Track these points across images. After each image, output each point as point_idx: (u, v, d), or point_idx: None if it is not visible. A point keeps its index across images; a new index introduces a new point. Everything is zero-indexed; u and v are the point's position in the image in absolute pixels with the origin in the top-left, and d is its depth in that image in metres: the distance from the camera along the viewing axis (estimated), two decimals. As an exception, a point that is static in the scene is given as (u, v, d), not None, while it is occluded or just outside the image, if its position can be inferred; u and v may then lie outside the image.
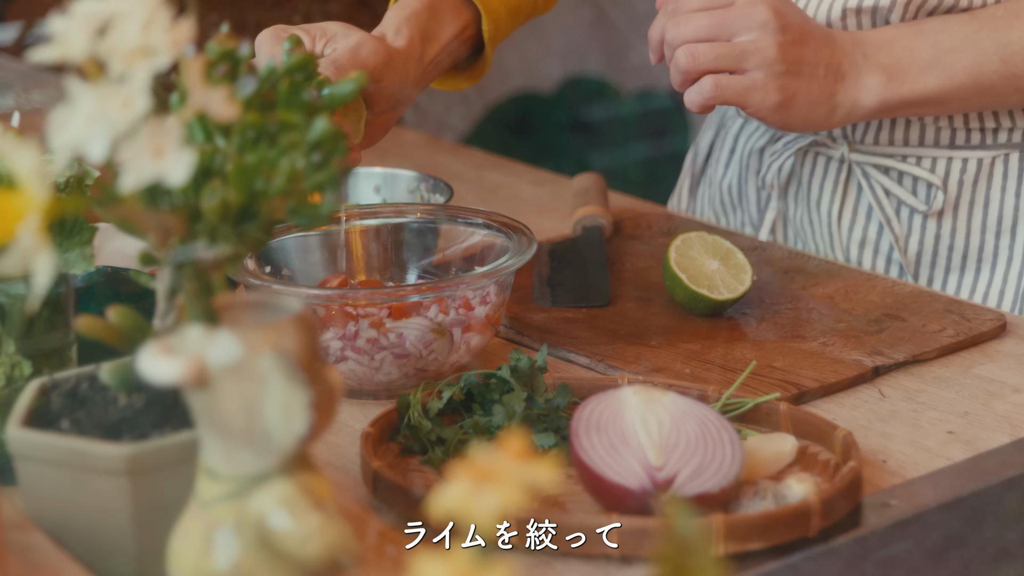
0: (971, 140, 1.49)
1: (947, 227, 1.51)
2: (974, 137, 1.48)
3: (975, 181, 1.50)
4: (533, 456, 0.69)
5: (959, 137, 1.49)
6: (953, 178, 1.50)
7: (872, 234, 1.54)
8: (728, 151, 1.67)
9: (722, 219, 1.68)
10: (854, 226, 1.55)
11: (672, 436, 1.03)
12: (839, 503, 1.02)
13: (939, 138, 1.49)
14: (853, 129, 1.52)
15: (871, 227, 1.54)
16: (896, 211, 1.52)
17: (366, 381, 1.22)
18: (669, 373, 1.25)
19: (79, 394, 1.00)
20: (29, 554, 0.95)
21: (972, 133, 1.48)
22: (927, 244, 1.52)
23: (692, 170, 1.73)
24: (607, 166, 3.44)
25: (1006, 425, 1.18)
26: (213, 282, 0.88)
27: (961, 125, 1.48)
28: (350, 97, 0.96)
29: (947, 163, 1.50)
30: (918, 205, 1.51)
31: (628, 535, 0.98)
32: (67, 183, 1.11)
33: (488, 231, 1.31)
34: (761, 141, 1.61)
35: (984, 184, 1.50)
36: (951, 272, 1.52)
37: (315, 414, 0.85)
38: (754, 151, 1.62)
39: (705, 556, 0.70)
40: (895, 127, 1.50)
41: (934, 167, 1.50)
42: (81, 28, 0.82)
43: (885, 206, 1.52)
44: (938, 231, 1.51)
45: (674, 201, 1.76)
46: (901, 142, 1.50)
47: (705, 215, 1.71)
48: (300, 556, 0.86)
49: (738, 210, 1.66)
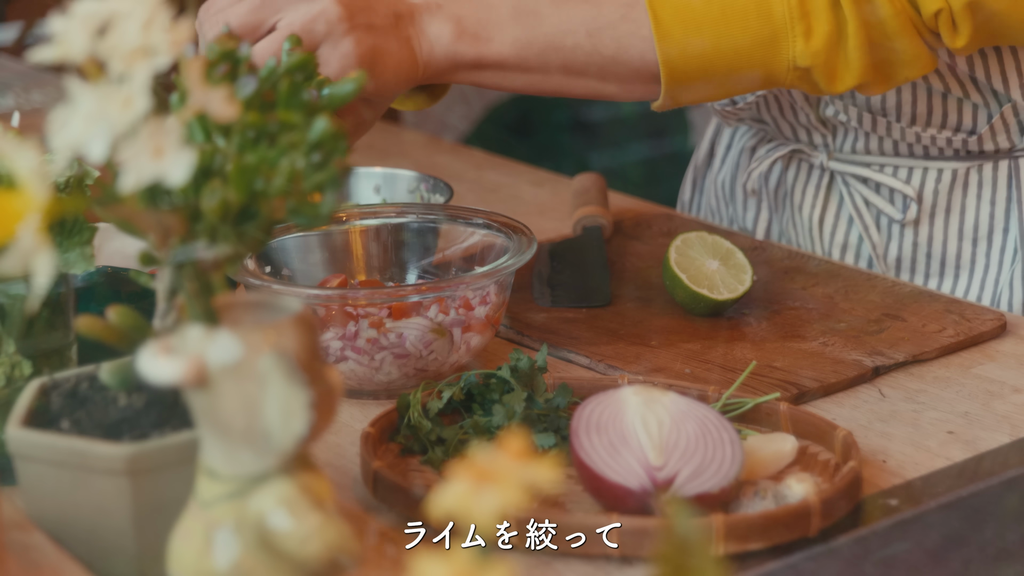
0: (945, 153, 1.49)
1: (924, 235, 1.51)
2: (948, 151, 1.48)
3: (950, 190, 1.50)
4: (533, 456, 0.69)
5: (932, 151, 1.49)
6: (928, 187, 1.50)
7: (853, 240, 1.54)
8: (724, 147, 1.68)
9: (718, 214, 1.69)
10: (836, 231, 1.55)
11: (672, 436, 1.03)
12: (839, 503, 1.02)
13: (913, 150, 1.49)
14: (833, 137, 1.52)
15: (852, 233, 1.55)
16: (875, 219, 1.53)
17: (366, 381, 1.22)
18: (669, 373, 1.25)
19: (79, 394, 1.00)
20: (29, 554, 0.95)
21: (944, 149, 1.48)
22: (905, 252, 1.52)
23: (695, 163, 1.74)
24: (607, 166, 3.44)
25: (1006, 425, 1.18)
26: (213, 282, 0.88)
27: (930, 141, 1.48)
28: (350, 97, 0.96)
29: (923, 173, 1.50)
30: (895, 214, 1.51)
31: (628, 535, 0.98)
32: (67, 183, 1.11)
33: (488, 231, 1.31)
34: (752, 141, 1.62)
35: (959, 193, 1.50)
36: (930, 279, 1.52)
37: (315, 414, 0.85)
38: (745, 149, 1.63)
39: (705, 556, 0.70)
40: (870, 138, 1.50)
41: (909, 177, 1.50)
42: (81, 28, 0.82)
43: (864, 214, 1.53)
44: (915, 239, 1.52)
45: (682, 193, 1.76)
46: (877, 151, 1.51)
47: (704, 210, 1.71)
48: (300, 556, 0.86)
49: (730, 206, 1.66)
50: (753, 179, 1.58)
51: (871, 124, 1.48)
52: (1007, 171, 1.49)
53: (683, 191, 1.76)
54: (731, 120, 1.60)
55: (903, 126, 1.46)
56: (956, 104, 1.45)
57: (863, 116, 1.47)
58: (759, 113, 1.56)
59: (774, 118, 1.55)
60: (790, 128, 1.55)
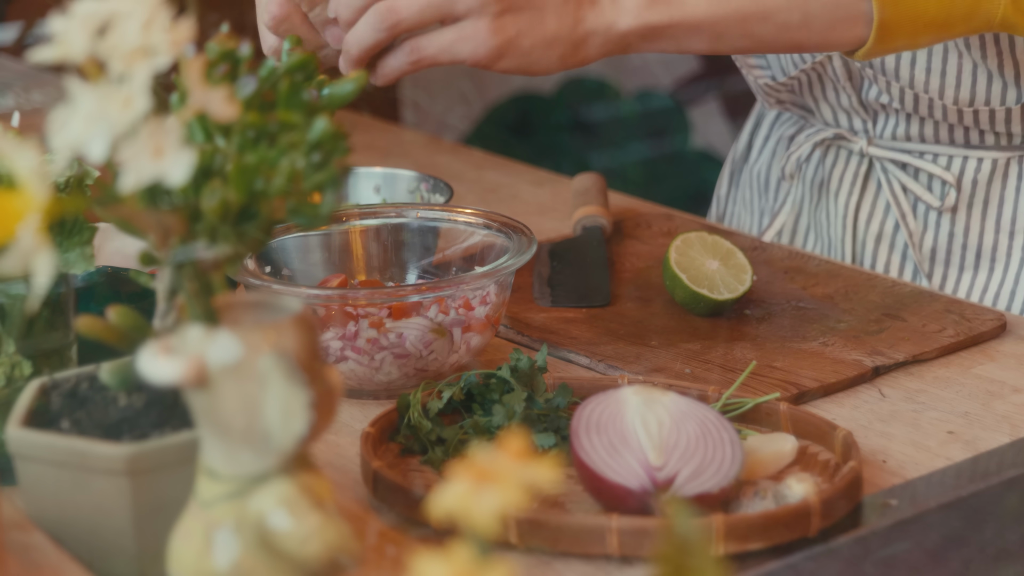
0: (985, 141, 1.49)
1: (960, 225, 1.51)
2: (988, 138, 1.49)
3: (989, 180, 1.50)
4: (533, 456, 0.69)
5: (973, 137, 1.49)
6: (968, 176, 1.50)
7: (888, 229, 1.54)
8: (763, 138, 1.68)
9: (750, 207, 1.68)
10: (871, 220, 1.55)
11: (672, 436, 1.03)
12: (839, 503, 1.02)
13: (954, 136, 1.49)
14: (874, 123, 1.52)
15: (888, 222, 1.54)
16: (912, 207, 1.53)
17: (366, 381, 1.22)
18: (669, 373, 1.25)
19: (79, 394, 1.00)
20: (29, 554, 0.95)
21: (986, 135, 1.48)
22: (941, 241, 1.52)
23: (733, 156, 1.74)
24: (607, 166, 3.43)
25: (1006, 425, 1.18)
26: (213, 282, 0.88)
27: (972, 124, 1.48)
28: (350, 97, 0.96)
29: (963, 161, 1.50)
30: (933, 201, 1.51)
31: (628, 535, 0.98)
32: (67, 183, 1.11)
33: (488, 231, 1.31)
34: (792, 129, 1.62)
35: (999, 184, 1.50)
36: (964, 270, 1.52)
37: (315, 414, 0.85)
38: (784, 138, 1.63)
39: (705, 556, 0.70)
40: (911, 121, 1.50)
41: (949, 165, 1.51)
42: (81, 28, 0.82)
43: (902, 202, 1.53)
44: (952, 228, 1.52)
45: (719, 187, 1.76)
46: (918, 138, 1.51)
47: (739, 204, 1.71)
48: (300, 556, 0.86)
49: (763, 197, 1.66)
50: (791, 163, 1.58)
51: (913, 104, 1.47)
52: None
53: (720, 185, 1.76)
54: (772, 100, 1.60)
55: (945, 104, 1.46)
56: (1001, 87, 1.45)
57: (905, 95, 1.47)
58: (801, 96, 1.56)
59: (816, 99, 1.55)
60: (831, 112, 1.55)
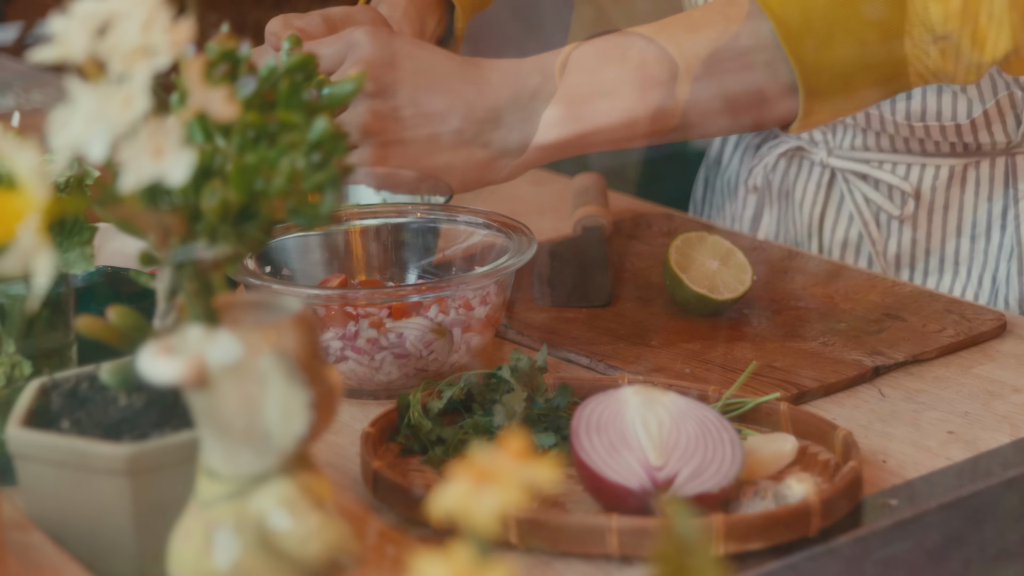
0: (941, 149, 1.49)
1: (922, 232, 1.52)
2: (944, 147, 1.49)
3: (948, 187, 1.50)
4: (533, 456, 0.69)
5: (928, 147, 1.49)
6: (926, 184, 1.51)
7: (853, 237, 1.55)
8: (733, 144, 1.68)
9: (722, 212, 1.69)
10: (836, 229, 1.56)
11: (672, 436, 1.03)
12: (839, 503, 1.02)
13: (910, 146, 1.49)
14: (833, 134, 1.53)
15: (852, 230, 1.55)
16: (875, 216, 1.53)
17: (366, 381, 1.22)
18: (669, 373, 1.25)
19: (79, 394, 1.00)
20: (29, 554, 0.95)
21: (940, 145, 1.49)
22: (904, 248, 1.53)
23: (707, 161, 1.74)
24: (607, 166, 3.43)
25: (1006, 425, 1.18)
26: (213, 282, 0.88)
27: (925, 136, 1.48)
28: (350, 97, 0.96)
29: (920, 169, 1.51)
30: (893, 210, 1.52)
31: (628, 535, 0.98)
32: (67, 183, 1.11)
33: (488, 231, 1.31)
34: (757, 139, 1.62)
35: (957, 189, 1.50)
36: (928, 276, 1.53)
37: (315, 414, 0.85)
38: (750, 147, 1.63)
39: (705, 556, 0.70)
40: (867, 134, 1.50)
41: (907, 174, 1.51)
42: (81, 28, 0.82)
43: (864, 211, 1.53)
44: (914, 235, 1.52)
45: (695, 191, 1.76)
46: (875, 148, 1.51)
47: (714, 208, 1.71)
48: (300, 556, 0.86)
49: (733, 203, 1.66)
50: (756, 175, 1.59)
51: (865, 119, 1.48)
52: (1004, 168, 1.49)
53: (695, 189, 1.76)
54: None
55: (897, 120, 1.47)
56: (951, 98, 1.45)
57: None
58: None
59: None
60: None
